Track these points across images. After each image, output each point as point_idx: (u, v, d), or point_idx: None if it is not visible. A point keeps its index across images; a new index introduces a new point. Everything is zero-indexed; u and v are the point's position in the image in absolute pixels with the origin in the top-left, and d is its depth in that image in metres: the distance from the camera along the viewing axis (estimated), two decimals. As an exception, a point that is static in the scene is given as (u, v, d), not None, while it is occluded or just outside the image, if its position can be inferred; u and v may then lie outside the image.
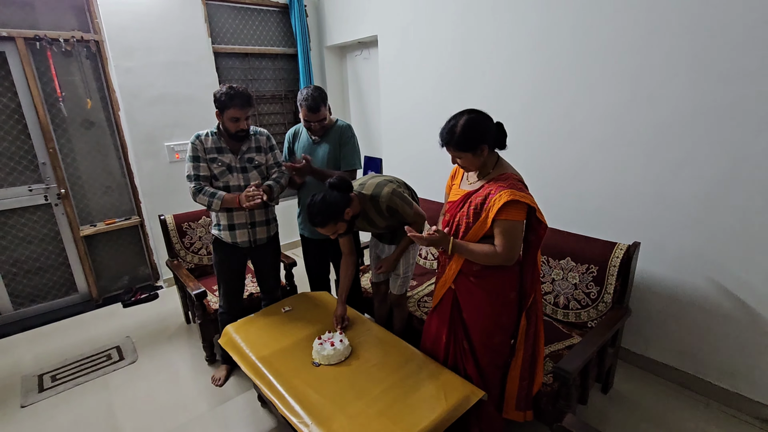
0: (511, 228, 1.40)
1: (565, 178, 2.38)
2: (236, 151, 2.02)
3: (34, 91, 2.85)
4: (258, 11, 3.74)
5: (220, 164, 1.98)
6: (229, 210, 2.01)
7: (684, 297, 2.06)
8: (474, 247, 1.46)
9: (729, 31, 1.70)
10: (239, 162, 2.02)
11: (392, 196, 1.78)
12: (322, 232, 1.74)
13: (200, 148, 1.96)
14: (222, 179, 2.00)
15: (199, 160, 1.97)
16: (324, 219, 1.67)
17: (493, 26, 2.54)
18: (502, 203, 1.37)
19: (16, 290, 3.07)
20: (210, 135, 1.99)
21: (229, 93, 1.88)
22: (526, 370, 1.61)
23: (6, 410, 2.17)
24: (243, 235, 2.07)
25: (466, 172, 1.56)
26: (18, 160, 2.93)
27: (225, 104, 1.88)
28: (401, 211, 1.80)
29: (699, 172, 1.89)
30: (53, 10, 2.90)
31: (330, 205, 1.67)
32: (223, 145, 1.99)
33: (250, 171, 2.05)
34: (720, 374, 2.01)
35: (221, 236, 2.08)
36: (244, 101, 1.89)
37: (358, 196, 1.80)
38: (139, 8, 3.02)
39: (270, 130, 3.99)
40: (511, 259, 1.44)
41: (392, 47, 3.29)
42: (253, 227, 2.09)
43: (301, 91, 2.11)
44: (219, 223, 2.07)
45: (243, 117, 1.92)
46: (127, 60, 3.03)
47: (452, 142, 1.41)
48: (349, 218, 1.73)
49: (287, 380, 1.55)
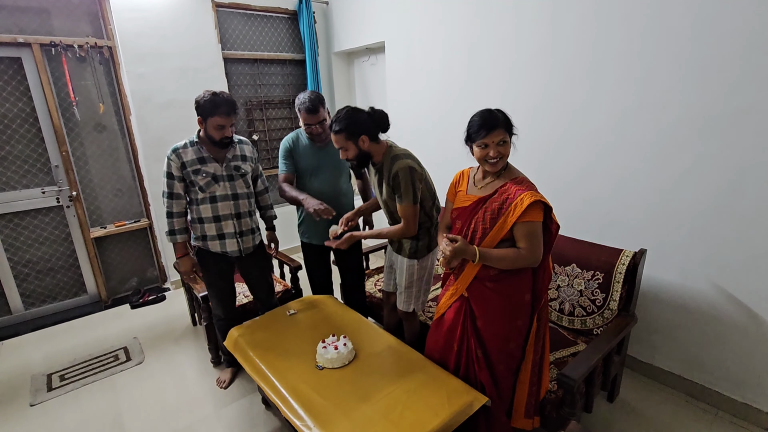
0: (535, 229, 1.42)
1: (571, 183, 2.38)
2: (221, 160, 1.96)
3: (49, 95, 2.92)
4: (267, 18, 3.79)
5: (205, 175, 1.92)
6: (217, 220, 1.99)
7: (691, 305, 2.03)
8: (499, 253, 1.46)
9: (737, 39, 1.70)
10: (225, 170, 1.97)
11: (405, 169, 1.72)
12: (334, 142, 1.79)
13: (176, 165, 1.89)
14: (208, 190, 1.94)
15: (172, 177, 1.91)
16: (341, 127, 1.73)
17: (500, 32, 2.55)
18: (525, 206, 1.38)
19: (28, 290, 3.13)
20: (189, 146, 1.91)
21: (214, 100, 1.82)
22: (536, 375, 1.60)
23: (16, 409, 2.21)
24: (232, 245, 2.06)
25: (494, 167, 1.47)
26: (32, 163, 2.99)
27: (210, 111, 1.83)
28: (401, 190, 1.73)
29: (706, 179, 1.88)
30: (68, 17, 2.98)
31: (353, 119, 1.73)
32: (206, 155, 1.93)
33: (236, 179, 2.01)
34: (729, 384, 1.98)
35: (208, 246, 2.04)
36: (229, 108, 1.85)
37: (388, 145, 1.83)
38: (151, 15, 3.08)
39: (278, 135, 4.05)
40: (537, 260, 1.46)
41: (399, 53, 3.32)
42: (241, 236, 2.07)
43: (298, 97, 2.12)
44: (205, 234, 2.02)
45: (228, 124, 1.87)
46: (139, 65, 3.09)
47: (501, 124, 1.42)
48: (363, 147, 1.75)
49: (291, 383, 1.56)
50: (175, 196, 1.94)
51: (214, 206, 1.97)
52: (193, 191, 1.95)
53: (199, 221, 2.00)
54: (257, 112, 3.92)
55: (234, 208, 2.02)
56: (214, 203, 1.96)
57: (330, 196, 2.19)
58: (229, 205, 2.00)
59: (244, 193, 2.05)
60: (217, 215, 1.98)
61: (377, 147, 1.81)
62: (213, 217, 1.98)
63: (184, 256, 2.03)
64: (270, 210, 2.34)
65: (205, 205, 1.96)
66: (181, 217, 1.98)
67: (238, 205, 2.03)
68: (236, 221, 2.03)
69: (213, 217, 1.98)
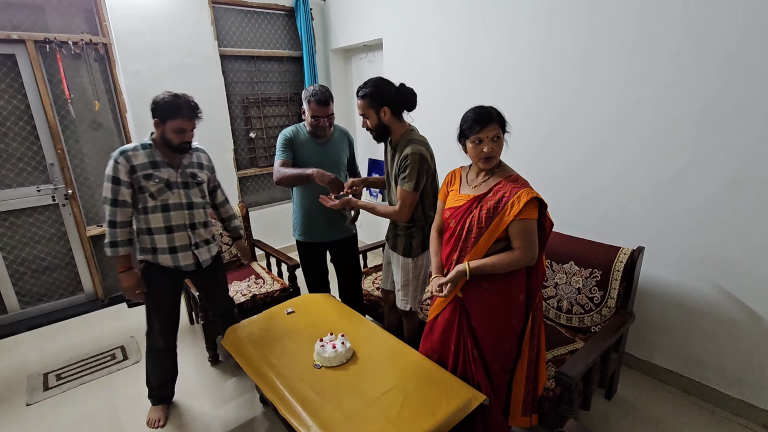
0: (529, 227, 1.42)
1: (568, 181, 2.38)
2: (176, 165, 1.82)
3: (44, 93, 2.89)
4: (264, 14, 3.77)
5: (158, 180, 1.76)
6: (170, 231, 1.82)
7: (689, 302, 2.04)
8: (493, 261, 1.45)
9: (734, 35, 1.69)
10: (180, 177, 1.82)
11: (417, 155, 1.71)
12: (357, 108, 1.81)
13: (124, 169, 1.71)
14: (160, 197, 1.77)
15: (119, 182, 1.71)
16: (366, 92, 1.76)
17: (498, 30, 2.54)
18: (523, 204, 1.38)
19: (24, 289, 3.11)
20: (141, 149, 1.76)
21: (175, 102, 1.71)
22: (532, 372, 1.60)
23: (12, 408, 2.19)
24: (187, 258, 1.89)
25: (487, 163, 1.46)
26: (27, 161, 2.97)
27: (170, 114, 1.71)
28: (406, 173, 1.73)
29: (704, 177, 1.88)
30: (63, 13, 2.95)
31: (380, 88, 1.75)
32: (159, 159, 1.78)
33: (192, 187, 1.86)
34: (726, 381, 1.99)
35: (158, 260, 1.85)
36: (192, 111, 1.74)
37: (409, 128, 1.84)
38: (146, 11, 3.06)
39: (275, 132, 4.03)
40: (533, 259, 1.45)
41: (397, 50, 3.31)
42: (197, 248, 1.92)
43: (307, 88, 2.08)
44: (154, 246, 1.83)
45: (190, 128, 1.76)
46: (135, 62, 3.06)
47: (495, 119, 1.42)
48: (383, 118, 1.77)
49: (289, 382, 1.55)
50: (120, 204, 1.73)
51: (167, 215, 1.81)
52: (142, 198, 1.77)
53: (147, 232, 1.81)
54: (254, 110, 3.89)
55: (188, 218, 1.86)
56: (166, 212, 1.80)
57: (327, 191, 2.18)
58: (183, 215, 1.84)
59: (200, 202, 1.91)
60: (170, 225, 1.82)
61: (398, 125, 1.82)
62: (165, 228, 1.81)
63: (126, 270, 1.81)
64: (234, 220, 2.22)
65: (156, 215, 1.79)
66: (126, 228, 1.78)
67: (192, 214, 1.88)
68: (191, 232, 1.88)
69: (165, 227, 1.81)
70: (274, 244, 3.48)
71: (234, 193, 3.76)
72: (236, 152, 3.78)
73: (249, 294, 2.56)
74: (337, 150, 2.23)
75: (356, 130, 4.24)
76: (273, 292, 2.62)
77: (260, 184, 4.10)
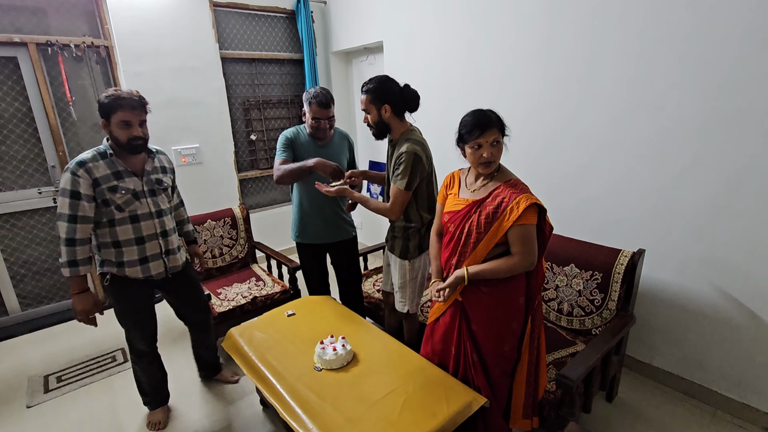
0: (528, 232, 1.41)
1: (568, 183, 2.38)
2: (140, 173, 1.74)
3: (45, 95, 2.90)
4: (265, 17, 3.78)
5: (124, 192, 1.67)
6: (140, 242, 1.75)
7: (690, 305, 2.04)
8: (491, 267, 1.45)
9: (735, 38, 1.70)
10: (146, 185, 1.75)
11: (411, 153, 1.72)
12: (360, 103, 1.82)
13: (86, 182, 1.60)
14: (128, 209, 1.69)
15: (79, 197, 1.59)
16: (369, 88, 1.78)
17: (499, 32, 2.55)
18: (523, 209, 1.37)
19: (24, 291, 3.11)
20: (100, 158, 1.64)
21: (114, 95, 1.61)
22: (532, 375, 1.60)
23: (13, 410, 2.19)
24: (158, 267, 1.82)
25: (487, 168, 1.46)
26: (28, 164, 2.97)
27: (111, 107, 1.59)
28: (400, 170, 1.73)
29: (705, 179, 1.88)
30: (65, 16, 2.96)
31: (384, 85, 1.78)
32: (122, 168, 1.68)
33: (159, 194, 1.80)
34: (728, 384, 1.98)
35: (127, 273, 1.75)
36: (134, 102, 1.63)
37: (410, 127, 1.85)
38: (148, 14, 3.07)
39: (276, 134, 4.04)
40: (533, 264, 1.45)
41: (397, 53, 3.31)
42: (168, 255, 1.86)
43: (308, 90, 2.09)
44: (121, 260, 1.73)
45: (135, 121, 1.65)
46: (136, 65, 3.07)
47: (495, 123, 1.42)
48: (384, 116, 1.79)
49: (289, 384, 1.56)
50: (81, 219, 1.61)
51: (137, 226, 1.73)
52: (107, 212, 1.67)
53: (114, 245, 1.72)
54: (255, 112, 3.90)
55: (159, 226, 1.80)
56: (136, 223, 1.72)
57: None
58: (153, 224, 1.78)
59: (168, 208, 1.86)
60: (140, 236, 1.74)
61: (398, 124, 1.83)
62: (135, 239, 1.73)
63: (83, 292, 1.69)
64: (188, 224, 2.16)
65: (125, 226, 1.71)
66: (86, 245, 1.66)
67: (163, 222, 1.82)
68: (162, 240, 1.81)
69: (135, 239, 1.73)
70: (275, 246, 3.49)
71: (234, 195, 3.77)
72: (237, 154, 3.79)
73: (249, 296, 2.56)
74: (337, 152, 2.23)
75: (357, 133, 4.24)
76: (273, 294, 2.62)
77: (260, 186, 4.10)
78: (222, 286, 2.73)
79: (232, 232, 3.01)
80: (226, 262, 2.96)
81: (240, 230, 3.04)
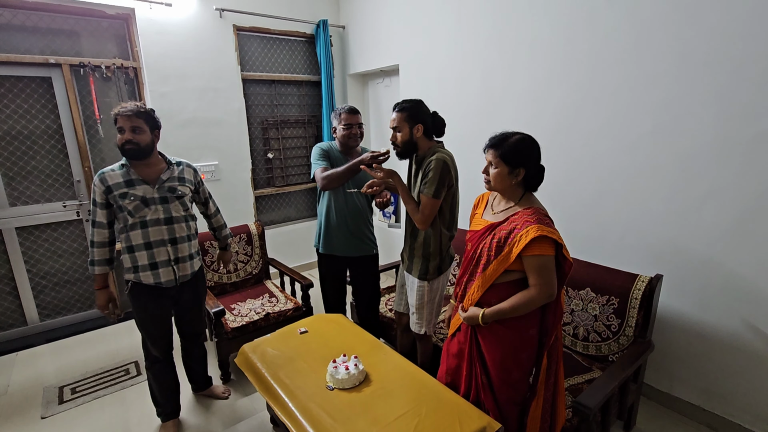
0: (545, 263, 1.37)
1: (586, 207, 2.37)
2: (152, 181, 1.84)
3: (75, 113, 3.03)
4: (286, 41, 3.92)
5: (133, 198, 1.79)
6: (149, 247, 1.84)
7: (710, 333, 1.98)
8: (510, 304, 1.42)
9: (754, 63, 1.70)
10: (158, 192, 1.84)
11: (441, 161, 1.75)
12: (392, 121, 1.86)
13: (99, 190, 1.78)
14: (138, 214, 1.80)
15: (96, 204, 1.80)
16: (405, 106, 1.84)
17: (514, 57, 2.60)
18: (529, 239, 1.34)
19: (44, 302, 3.18)
20: (117, 169, 1.82)
21: (117, 108, 1.78)
22: (548, 411, 1.56)
23: (27, 421, 2.22)
24: (167, 274, 1.89)
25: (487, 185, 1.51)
26: (55, 178, 3.09)
27: (114, 120, 1.77)
28: (428, 178, 1.75)
29: (724, 205, 1.86)
30: (97, 39, 3.12)
31: (419, 106, 1.84)
32: (134, 177, 1.81)
33: (171, 202, 1.87)
34: (753, 418, 1.91)
35: (140, 279, 1.86)
36: (127, 110, 1.77)
37: (436, 144, 1.89)
38: (175, 38, 3.21)
39: (293, 153, 4.12)
40: (552, 295, 1.40)
41: (413, 76, 3.39)
42: (177, 263, 1.91)
43: (336, 108, 2.26)
44: (135, 264, 1.85)
45: (127, 127, 1.76)
46: (162, 85, 3.20)
47: (500, 146, 1.44)
48: (415, 135, 1.84)
49: (301, 402, 1.55)
50: (97, 225, 1.81)
51: (145, 232, 1.83)
52: (122, 217, 1.81)
53: (129, 250, 1.84)
54: (273, 131, 4.00)
55: (168, 233, 1.87)
56: (144, 229, 1.82)
57: (353, 206, 2.25)
58: (162, 231, 1.85)
59: (181, 216, 1.91)
60: (149, 242, 1.83)
61: (426, 143, 1.88)
62: (144, 244, 1.83)
63: (101, 288, 1.90)
64: (225, 229, 2.28)
65: (136, 231, 1.82)
66: (103, 248, 1.84)
67: (173, 229, 1.88)
68: (171, 247, 1.89)
69: (144, 244, 1.83)
70: (288, 262, 3.52)
71: (250, 212, 3.83)
72: (254, 172, 3.87)
73: (263, 312, 2.58)
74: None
75: (371, 152, 4.30)
76: (286, 311, 2.63)
77: (276, 203, 4.17)
78: (236, 301, 2.76)
79: (248, 248, 3.05)
80: (241, 278, 3.00)
81: (255, 246, 3.08)
